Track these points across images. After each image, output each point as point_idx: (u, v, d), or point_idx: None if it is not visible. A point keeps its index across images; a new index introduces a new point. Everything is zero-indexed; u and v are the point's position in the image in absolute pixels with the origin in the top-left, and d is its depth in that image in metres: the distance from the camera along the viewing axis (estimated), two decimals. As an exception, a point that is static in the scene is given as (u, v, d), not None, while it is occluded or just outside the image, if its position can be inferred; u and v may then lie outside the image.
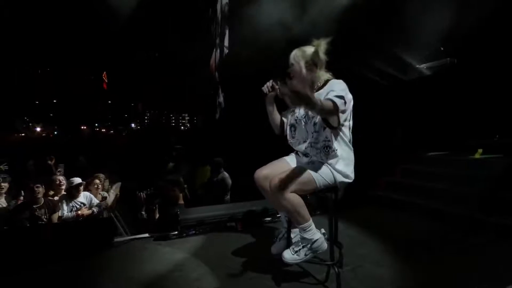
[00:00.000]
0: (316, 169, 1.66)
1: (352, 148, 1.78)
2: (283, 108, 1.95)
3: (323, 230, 1.82)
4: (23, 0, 20.56)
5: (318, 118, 1.67)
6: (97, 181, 4.25)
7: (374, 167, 4.48)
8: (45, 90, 32.83)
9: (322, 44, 1.63)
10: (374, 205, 3.72)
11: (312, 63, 1.70)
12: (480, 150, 3.47)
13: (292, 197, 1.60)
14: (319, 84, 1.73)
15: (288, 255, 1.71)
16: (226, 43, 7.54)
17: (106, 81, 37.88)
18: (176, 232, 2.61)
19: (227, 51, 7.38)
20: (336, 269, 1.72)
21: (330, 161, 1.68)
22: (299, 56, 1.71)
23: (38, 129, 36.49)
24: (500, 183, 2.81)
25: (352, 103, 1.66)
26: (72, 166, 5.28)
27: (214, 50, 7.94)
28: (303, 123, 1.76)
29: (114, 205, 3.95)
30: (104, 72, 37.25)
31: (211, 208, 2.93)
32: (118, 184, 4.47)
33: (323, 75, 1.74)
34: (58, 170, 4.68)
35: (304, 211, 1.65)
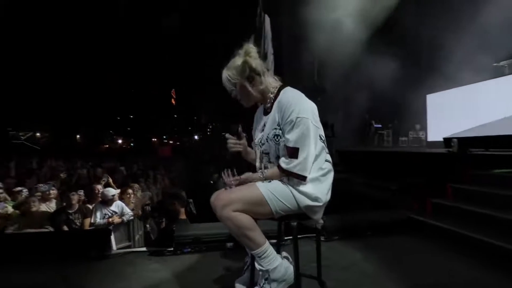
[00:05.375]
0: (272, 189, 1.35)
1: (329, 160, 1.44)
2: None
3: (284, 253, 1.48)
4: (104, 29, 24.27)
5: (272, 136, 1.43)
6: (130, 190, 4.52)
7: (422, 184, 3.78)
8: (126, 107, 37.93)
9: (252, 49, 1.40)
10: (416, 232, 3.05)
11: (255, 73, 1.43)
12: None
13: (238, 217, 1.31)
14: (271, 95, 1.47)
15: None
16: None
17: (174, 97, 41.81)
18: (171, 249, 2.52)
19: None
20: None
21: (291, 182, 1.36)
22: (234, 74, 1.44)
23: (120, 141, 42.09)
24: None
25: (315, 113, 1.39)
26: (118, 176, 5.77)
27: None
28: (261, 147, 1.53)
29: (138, 214, 4.12)
30: (173, 90, 41.24)
31: (212, 225, 2.76)
32: (146, 194, 4.68)
33: (271, 81, 1.48)
34: (103, 179, 5.13)
35: (255, 234, 1.34)
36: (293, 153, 1.33)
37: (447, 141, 4.56)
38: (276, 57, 6.05)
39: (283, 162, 1.36)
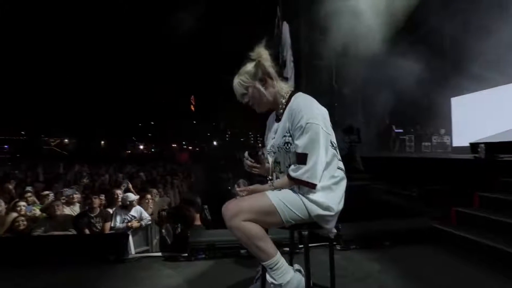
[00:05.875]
0: (282, 198, 1.31)
1: (341, 168, 1.39)
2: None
3: (297, 266, 1.42)
4: (126, 41, 25.37)
5: (283, 143, 1.39)
6: (148, 196, 4.63)
7: (446, 192, 3.60)
8: (147, 114, 39.27)
9: (263, 52, 1.38)
10: (439, 242, 2.88)
11: (268, 77, 1.42)
12: None
13: (248, 226, 1.27)
14: (283, 100, 1.44)
15: None
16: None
17: (193, 103, 42.83)
18: (186, 255, 2.53)
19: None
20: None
21: (302, 190, 1.33)
22: (247, 78, 1.42)
23: (141, 147, 43.53)
24: None
25: (326, 118, 1.35)
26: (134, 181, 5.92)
27: None
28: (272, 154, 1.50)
29: (156, 219, 4.20)
30: (192, 96, 42.30)
31: (227, 232, 2.74)
32: (164, 199, 4.77)
33: (283, 86, 1.45)
34: (123, 185, 5.28)
35: (266, 244, 1.30)
36: (302, 159, 1.30)
37: (474, 146, 4.33)
38: (294, 62, 6.01)
39: (292, 170, 1.33)
